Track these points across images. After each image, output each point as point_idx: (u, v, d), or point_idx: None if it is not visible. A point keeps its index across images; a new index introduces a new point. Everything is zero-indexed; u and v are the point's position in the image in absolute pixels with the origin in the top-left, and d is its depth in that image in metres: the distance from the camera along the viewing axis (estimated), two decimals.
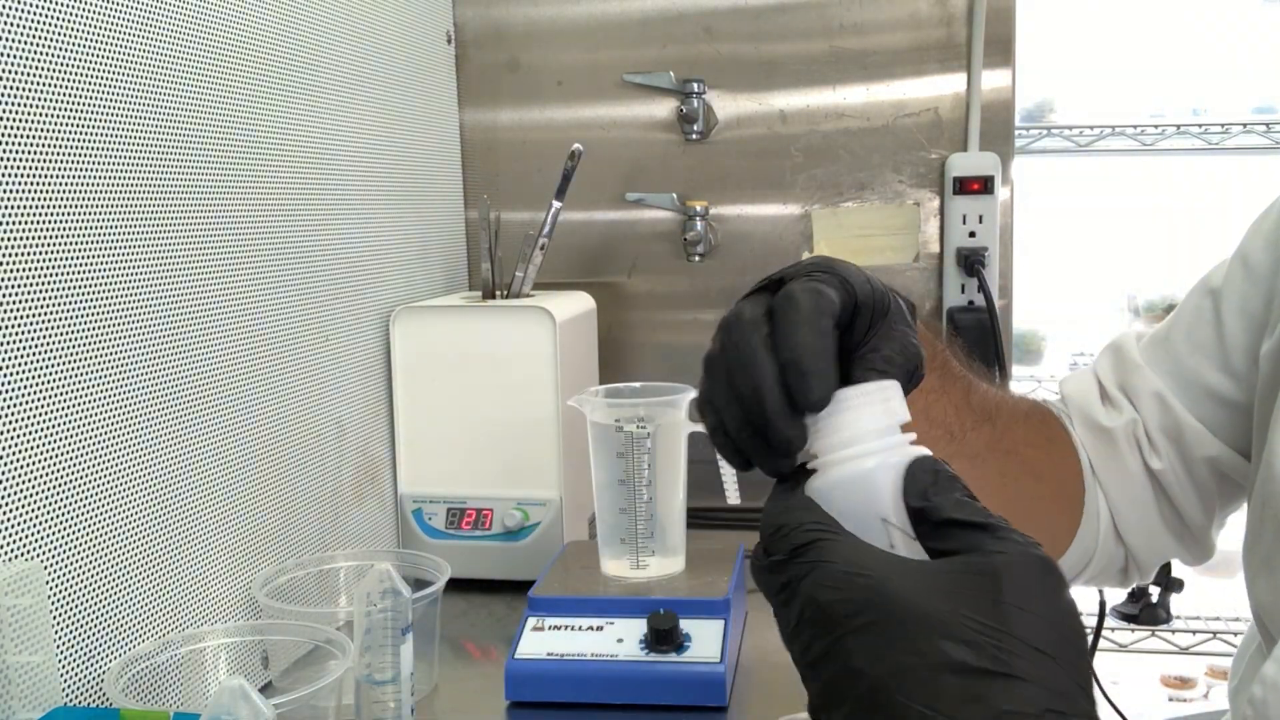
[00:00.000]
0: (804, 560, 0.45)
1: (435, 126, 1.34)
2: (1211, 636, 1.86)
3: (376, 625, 0.69)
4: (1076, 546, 0.83)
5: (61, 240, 0.70)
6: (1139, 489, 0.83)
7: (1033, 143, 1.83)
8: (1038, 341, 2.03)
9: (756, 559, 0.49)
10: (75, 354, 0.72)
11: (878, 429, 0.49)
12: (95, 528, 0.73)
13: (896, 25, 1.31)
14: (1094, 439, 0.84)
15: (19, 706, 0.63)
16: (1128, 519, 0.83)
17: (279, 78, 0.97)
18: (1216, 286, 0.81)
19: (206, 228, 0.86)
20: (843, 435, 0.49)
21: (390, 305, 1.17)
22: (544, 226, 1.20)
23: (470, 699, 0.91)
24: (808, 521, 0.47)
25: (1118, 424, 0.82)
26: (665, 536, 0.96)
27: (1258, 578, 0.72)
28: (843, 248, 1.35)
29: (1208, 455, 0.80)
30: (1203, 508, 0.83)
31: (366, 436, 1.13)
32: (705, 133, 1.35)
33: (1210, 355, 0.81)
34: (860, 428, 0.49)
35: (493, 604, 1.09)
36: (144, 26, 0.79)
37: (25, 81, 0.68)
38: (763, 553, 0.48)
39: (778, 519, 0.48)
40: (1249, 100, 1.93)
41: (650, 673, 0.84)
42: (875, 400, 0.49)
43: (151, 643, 0.77)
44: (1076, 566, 0.84)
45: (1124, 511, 0.83)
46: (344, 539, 1.07)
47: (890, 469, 0.48)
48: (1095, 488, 0.83)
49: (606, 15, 1.37)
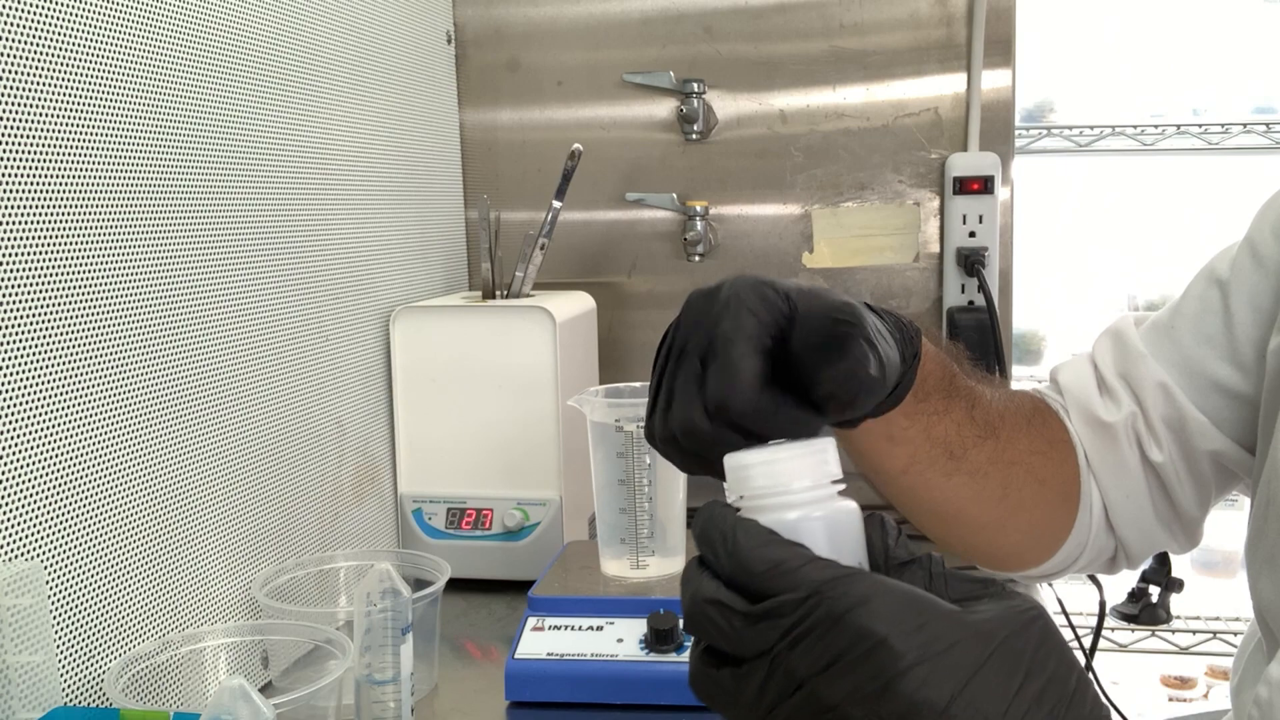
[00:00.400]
0: (839, 595, 0.42)
1: (435, 126, 1.34)
2: (1211, 636, 1.86)
3: (376, 625, 0.69)
4: (1071, 540, 0.83)
5: (61, 240, 0.70)
6: (1135, 482, 0.82)
7: (1033, 143, 1.83)
8: (1038, 341, 2.03)
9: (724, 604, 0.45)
10: (75, 354, 0.72)
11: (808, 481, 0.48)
12: (95, 528, 0.73)
13: (896, 25, 1.31)
14: (1091, 433, 0.82)
15: (19, 706, 0.63)
16: (1121, 511, 0.82)
17: (279, 78, 0.97)
18: (1224, 277, 0.80)
19: (206, 228, 0.86)
20: (771, 482, 0.48)
21: (390, 305, 1.17)
22: (544, 226, 1.20)
23: (470, 699, 0.91)
24: (811, 557, 0.44)
25: (1117, 419, 0.81)
26: (665, 536, 0.96)
27: (1260, 576, 0.72)
28: (843, 248, 1.35)
29: (1211, 449, 0.79)
30: (1199, 500, 0.82)
31: (366, 436, 1.13)
32: (705, 133, 1.35)
33: (1217, 347, 0.79)
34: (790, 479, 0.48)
35: (493, 604, 1.09)
36: (144, 26, 0.79)
37: (25, 81, 0.68)
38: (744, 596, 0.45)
39: (763, 554, 0.45)
40: (1249, 100, 1.93)
41: (650, 673, 0.84)
42: (809, 453, 0.49)
43: (151, 643, 0.77)
44: (1069, 559, 0.84)
45: (1118, 504, 0.82)
46: (344, 539, 1.07)
47: (815, 520, 0.47)
48: (1090, 481, 0.83)
49: (606, 15, 1.37)
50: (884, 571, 0.48)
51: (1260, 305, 0.77)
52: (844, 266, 1.35)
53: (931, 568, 0.48)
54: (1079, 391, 0.84)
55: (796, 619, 0.43)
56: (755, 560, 0.45)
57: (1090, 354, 0.86)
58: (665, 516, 0.96)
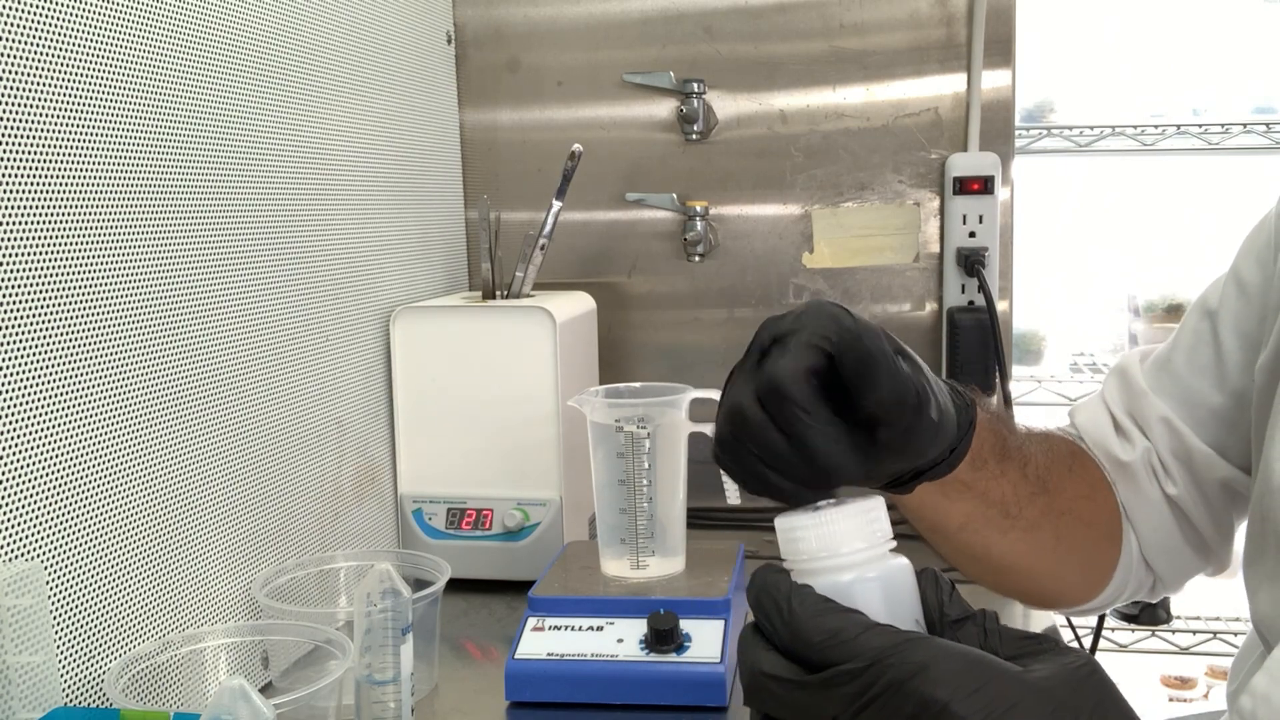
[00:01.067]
0: (900, 663, 0.43)
1: (435, 126, 1.34)
2: (1211, 636, 1.86)
3: (376, 625, 0.69)
4: (1118, 575, 0.84)
5: (61, 240, 0.70)
6: (1160, 516, 0.83)
7: (1033, 143, 1.83)
8: (1038, 341, 2.03)
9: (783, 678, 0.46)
10: (75, 354, 0.72)
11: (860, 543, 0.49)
12: (95, 528, 0.73)
13: (896, 25, 1.31)
14: (1115, 473, 0.84)
15: (19, 706, 0.63)
16: (1152, 545, 0.84)
17: (279, 78, 0.97)
18: (1213, 308, 0.81)
19: (206, 227, 0.86)
20: (823, 545, 0.49)
21: (390, 305, 1.17)
22: (544, 226, 1.20)
23: (470, 699, 0.91)
24: (869, 624, 0.45)
25: (1134, 457, 0.83)
26: (665, 536, 0.96)
27: (1259, 590, 0.72)
28: (843, 248, 1.35)
29: (1219, 477, 0.81)
30: (1219, 526, 0.84)
31: (366, 436, 1.13)
32: (705, 133, 1.35)
33: (1211, 377, 0.81)
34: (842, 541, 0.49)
35: (493, 604, 1.09)
36: (143, 26, 0.79)
37: (25, 81, 0.68)
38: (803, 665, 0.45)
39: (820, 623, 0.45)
40: (1249, 100, 1.93)
41: (650, 673, 0.84)
42: (859, 513, 0.50)
43: (151, 643, 0.77)
44: (1117, 593, 0.86)
45: (1149, 538, 0.84)
46: (344, 539, 1.07)
47: (870, 582, 0.48)
48: (1125, 520, 0.84)
49: (606, 15, 1.37)
50: (939, 629, 0.49)
51: (1245, 331, 0.79)
52: (844, 266, 1.35)
53: (985, 624, 0.49)
54: (1096, 433, 0.85)
55: (858, 689, 0.44)
56: (812, 630, 0.45)
57: (1102, 394, 0.87)
58: (665, 517, 0.96)
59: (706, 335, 1.39)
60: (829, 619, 0.45)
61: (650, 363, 1.40)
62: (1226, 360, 0.80)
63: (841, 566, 0.48)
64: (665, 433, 0.95)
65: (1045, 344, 2.04)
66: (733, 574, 0.94)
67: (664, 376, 1.29)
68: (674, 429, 0.95)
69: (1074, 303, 2.09)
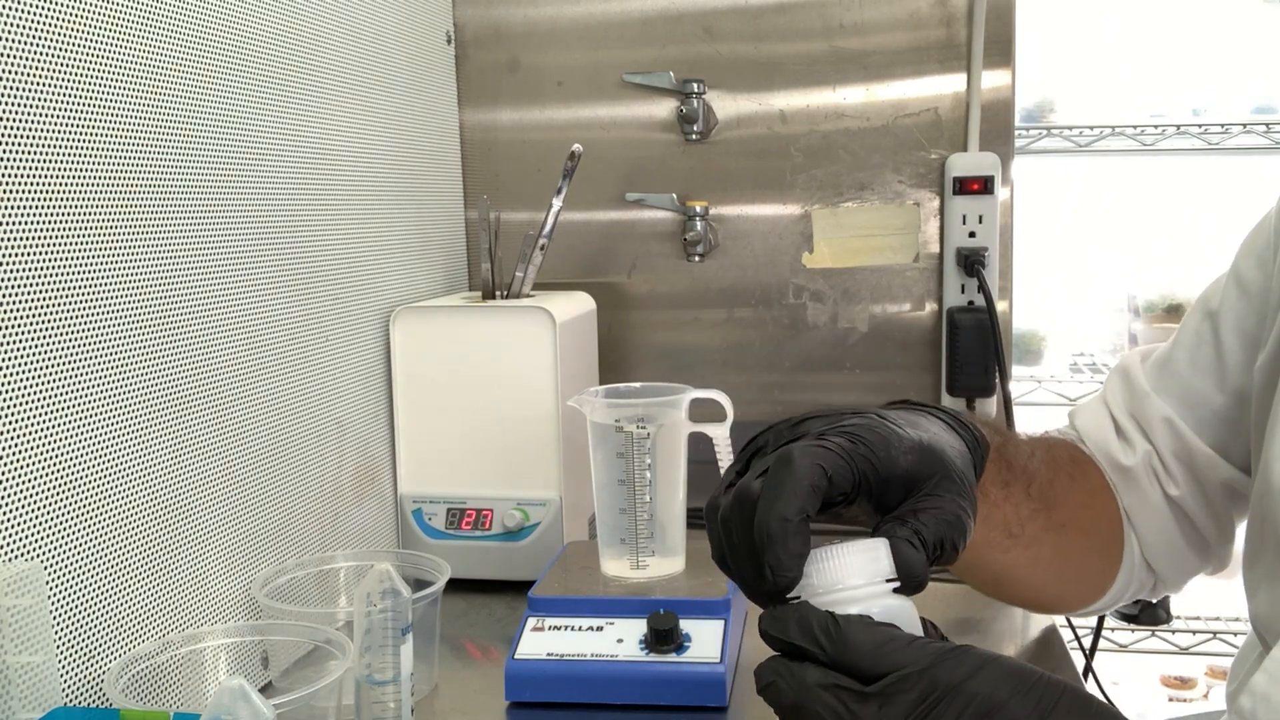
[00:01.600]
0: (956, 666, 0.48)
1: (435, 126, 1.34)
2: (1211, 636, 1.86)
3: (376, 625, 0.69)
4: (1120, 578, 0.84)
5: (61, 240, 0.70)
6: (1162, 518, 0.83)
7: (1033, 143, 1.83)
8: (1038, 341, 2.03)
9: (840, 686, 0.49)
10: (75, 354, 0.72)
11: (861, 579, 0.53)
12: (95, 528, 0.73)
13: (896, 25, 1.31)
14: (1116, 477, 0.84)
15: (19, 706, 0.63)
16: (1154, 547, 0.84)
17: (279, 78, 0.97)
18: (1214, 308, 0.82)
19: (206, 228, 0.86)
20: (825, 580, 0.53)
21: (390, 305, 1.17)
22: (544, 226, 1.20)
23: (470, 699, 0.91)
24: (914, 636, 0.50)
25: (1135, 461, 0.83)
26: (665, 536, 0.96)
27: (1258, 590, 0.72)
28: (843, 248, 1.35)
29: (1221, 479, 0.81)
30: (1220, 526, 0.84)
31: (366, 436, 1.13)
32: (705, 133, 1.35)
33: (1213, 377, 0.81)
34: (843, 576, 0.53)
35: (493, 604, 1.09)
36: (143, 26, 0.79)
37: (25, 81, 0.68)
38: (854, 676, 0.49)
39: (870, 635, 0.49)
40: (1249, 100, 1.93)
41: (650, 673, 0.84)
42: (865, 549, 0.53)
43: (151, 643, 0.77)
44: (1118, 595, 0.86)
45: (1150, 541, 0.84)
46: (344, 539, 1.07)
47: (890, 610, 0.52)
48: (1127, 523, 0.84)
49: (606, 15, 1.37)
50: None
51: (1246, 330, 0.79)
52: (844, 267, 1.35)
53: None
54: (1097, 436, 0.85)
55: (923, 692, 0.47)
56: (865, 640, 0.49)
57: (1103, 395, 0.87)
58: (665, 517, 0.96)
59: (706, 335, 1.39)
60: (877, 632, 0.49)
61: (650, 363, 1.40)
62: (1227, 360, 0.80)
63: (851, 600, 0.52)
64: (665, 433, 0.95)
65: (1045, 344, 2.04)
66: None
67: (664, 376, 1.29)
68: (674, 429, 0.95)
69: (1074, 303, 2.09)
